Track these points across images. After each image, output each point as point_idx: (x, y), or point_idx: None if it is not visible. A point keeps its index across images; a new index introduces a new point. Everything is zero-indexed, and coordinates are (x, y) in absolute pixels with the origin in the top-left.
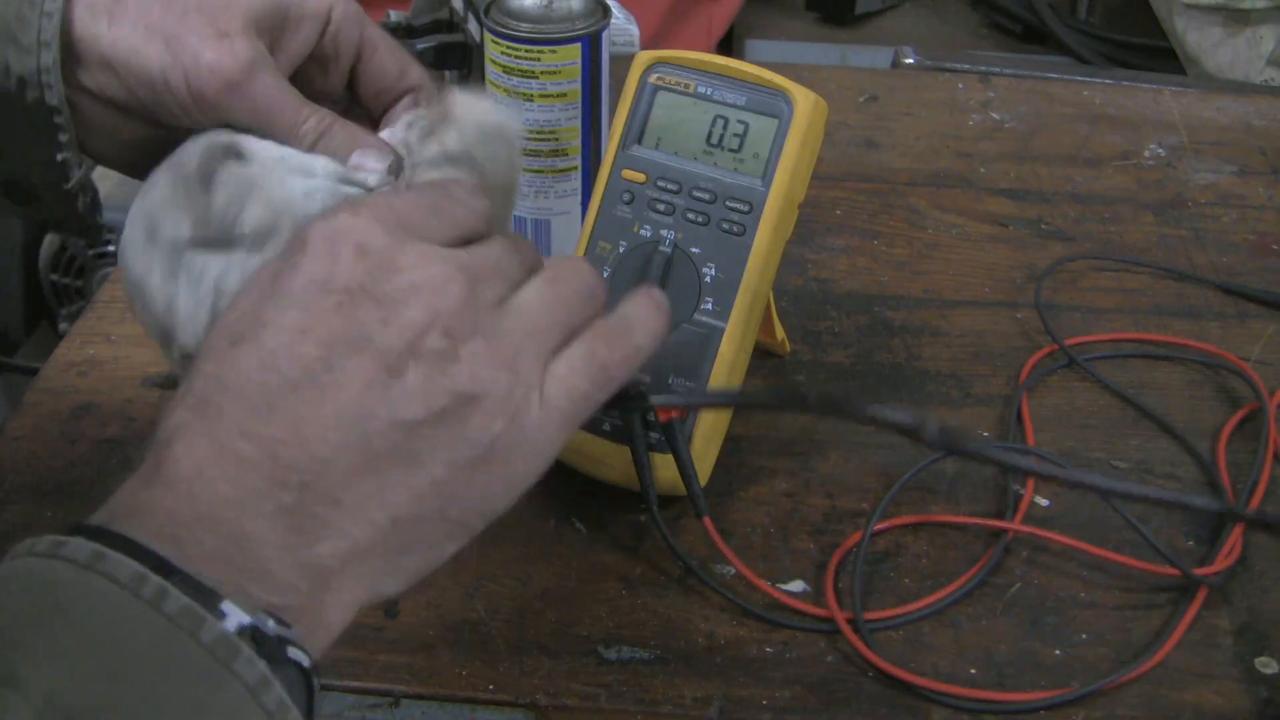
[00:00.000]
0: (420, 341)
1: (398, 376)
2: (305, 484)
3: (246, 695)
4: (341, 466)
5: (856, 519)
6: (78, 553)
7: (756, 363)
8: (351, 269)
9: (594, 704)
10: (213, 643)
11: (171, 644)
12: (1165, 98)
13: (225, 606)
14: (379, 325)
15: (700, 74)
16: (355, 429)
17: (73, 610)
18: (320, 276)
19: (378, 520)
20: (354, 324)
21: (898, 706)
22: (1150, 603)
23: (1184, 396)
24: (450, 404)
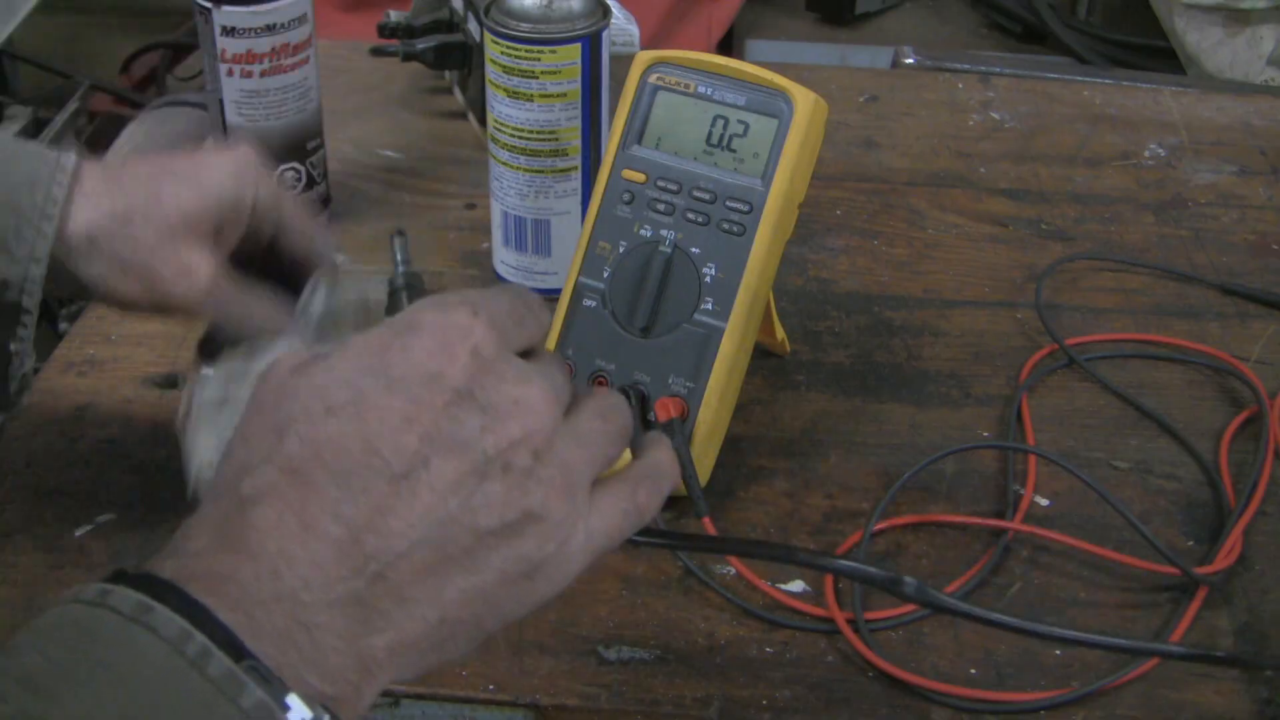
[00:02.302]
0: (512, 455)
1: (482, 484)
2: (378, 575)
3: None
4: (415, 563)
5: (856, 519)
6: (123, 604)
7: (756, 363)
8: (465, 370)
9: (594, 704)
10: (252, 708)
11: (210, 707)
12: (1165, 98)
13: (290, 700)
14: (479, 432)
15: (700, 74)
16: (436, 529)
17: (112, 664)
18: (434, 370)
19: (429, 618)
20: (458, 426)
21: (898, 706)
22: (1150, 603)
23: (1184, 397)
24: (519, 520)
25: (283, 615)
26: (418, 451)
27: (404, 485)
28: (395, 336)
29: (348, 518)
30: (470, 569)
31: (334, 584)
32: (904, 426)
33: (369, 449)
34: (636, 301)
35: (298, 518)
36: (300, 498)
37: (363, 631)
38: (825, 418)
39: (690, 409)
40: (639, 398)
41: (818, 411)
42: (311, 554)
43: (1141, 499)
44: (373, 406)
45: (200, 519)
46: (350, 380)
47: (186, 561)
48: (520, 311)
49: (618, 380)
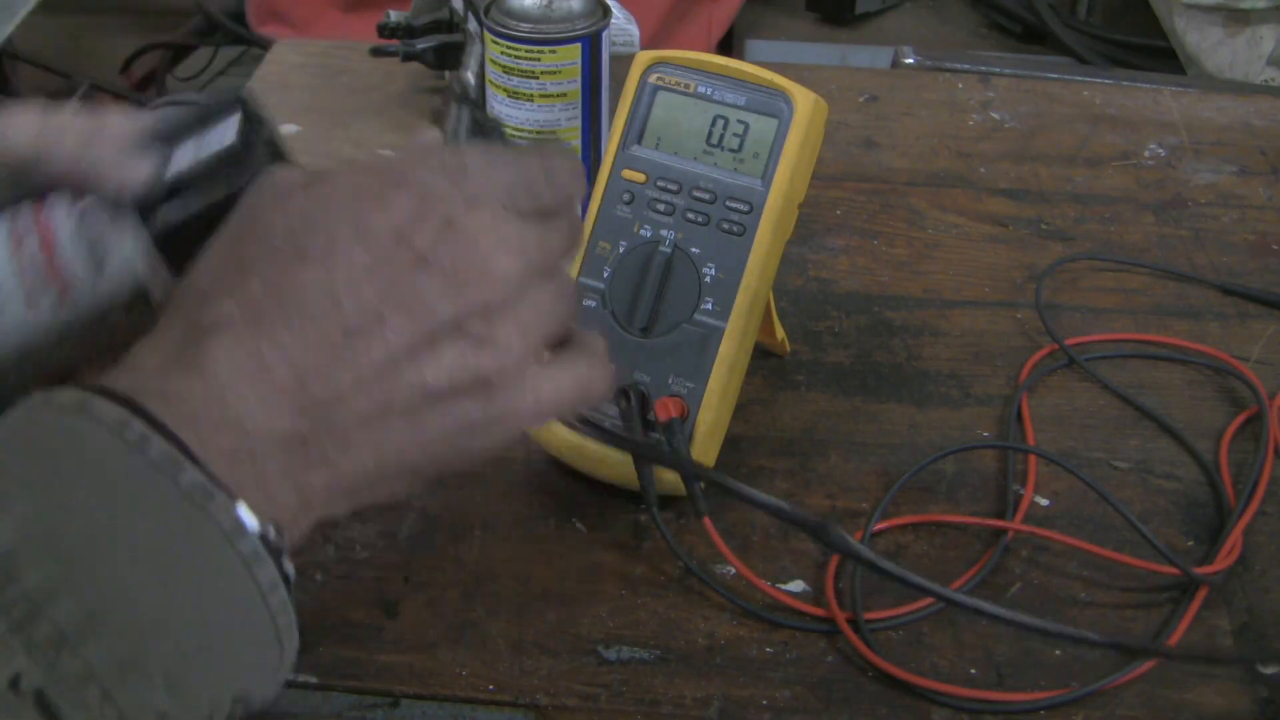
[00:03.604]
0: (467, 321)
1: (435, 346)
2: (321, 417)
3: (221, 538)
4: (358, 411)
5: (856, 519)
6: (64, 399)
7: (756, 363)
8: (434, 235)
9: (594, 704)
10: (190, 487)
11: (150, 483)
12: (1165, 98)
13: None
14: (438, 298)
15: (700, 74)
16: (383, 384)
17: (55, 447)
18: (403, 229)
19: (367, 464)
20: (418, 289)
21: (898, 706)
22: (1150, 602)
23: (1184, 397)
24: (468, 384)
25: (228, 439)
26: (375, 308)
27: (358, 339)
28: (379, 185)
29: (298, 363)
30: (413, 424)
31: (278, 420)
32: (904, 426)
33: (330, 299)
34: (636, 301)
35: (249, 354)
36: (254, 336)
37: (303, 468)
38: (825, 418)
39: (690, 409)
40: (639, 398)
41: (818, 411)
42: (259, 391)
43: (1141, 499)
44: (341, 257)
45: (156, 338)
46: (324, 225)
47: (140, 377)
48: (533, 180)
49: (618, 380)
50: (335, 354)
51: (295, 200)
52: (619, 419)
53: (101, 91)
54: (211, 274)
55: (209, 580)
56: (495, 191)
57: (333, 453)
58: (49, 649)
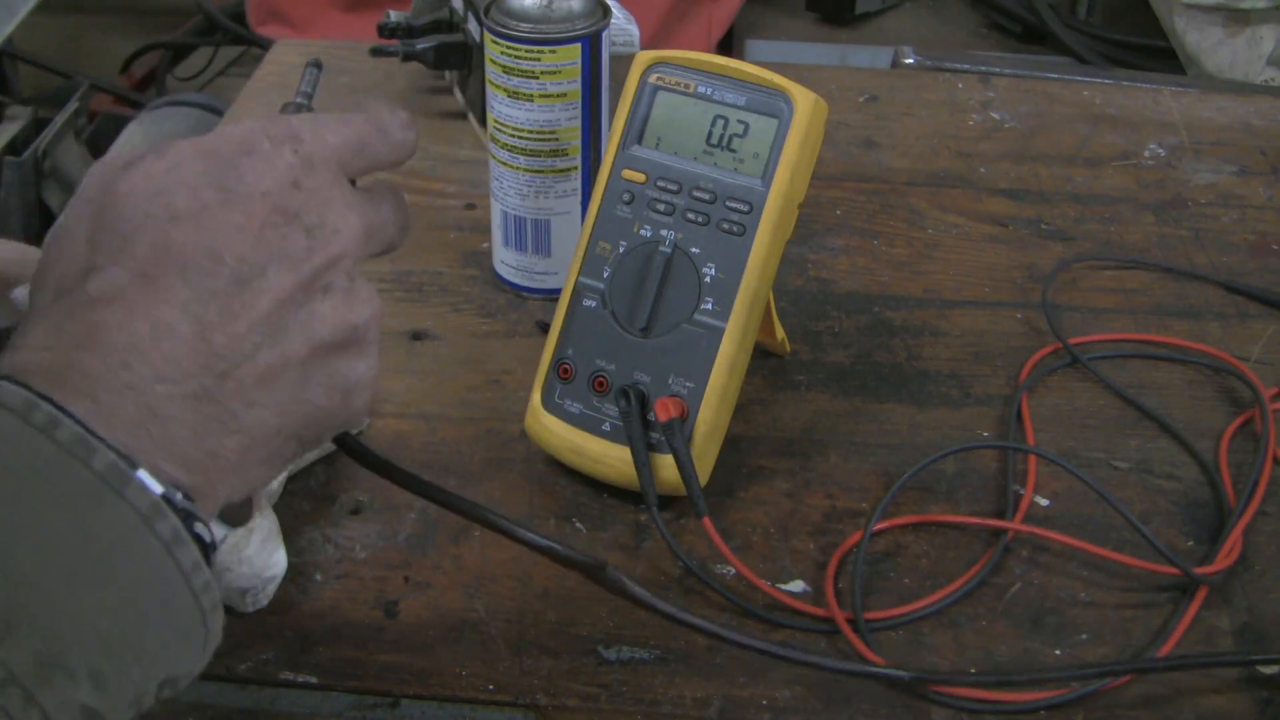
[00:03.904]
0: (332, 275)
1: (311, 299)
2: (225, 374)
3: (138, 522)
4: (258, 366)
5: (856, 519)
6: None
7: (756, 363)
8: (291, 196)
9: (594, 704)
10: (104, 469)
11: (61, 469)
12: (1165, 98)
13: (140, 474)
14: (305, 251)
15: (700, 74)
16: (278, 335)
17: None
18: (260, 187)
19: (270, 424)
20: (286, 243)
21: (898, 706)
22: (1150, 603)
23: (1184, 397)
24: (345, 337)
25: (134, 404)
26: (256, 260)
27: (247, 291)
28: (229, 151)
29: (197, 315)
30: (303, 381)
31: (185, 378)
32: (904, 426)
33: (213, 255)
34: (636, 301)
35: (147, 316)
36: (150, 297)
37: (214, 430)
38: (825, 418)
39: (690, 409)
40: (639, 398)
41: (818, 411)
42: (162, 350)
43: (1141, 499)
44: (213, 215)
45: (37, 319)
46: (192, 187)
47: (26, 356)
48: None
49: (618, 380)
50: (230, 305)
51: (146, 166)
52: (619, 419)
53: (101, 91)
54: (83, 245)
55: (128, 567)
56: (329, 153)
57: (240, 411)
58: None
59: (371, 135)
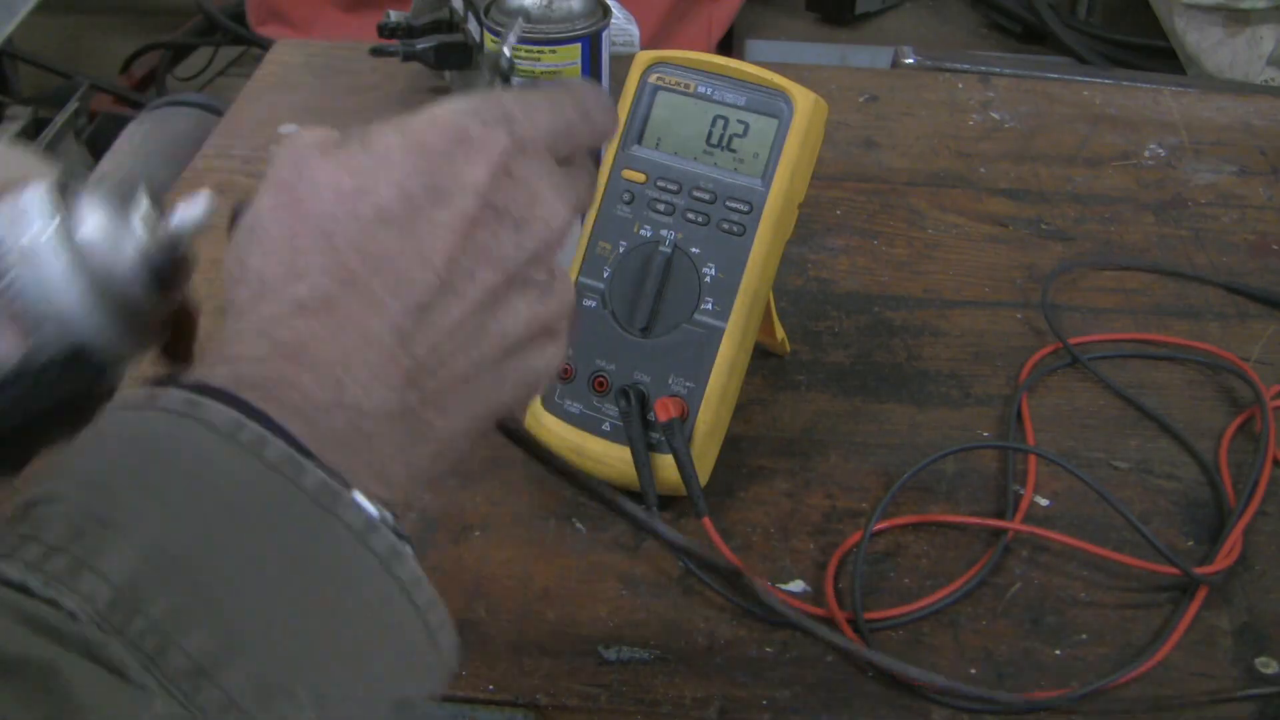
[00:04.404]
0: (532, 270)
1: (509, 297)
2: (425, 387)
3: (352, 540)
4: (455, 372)
5: (856, 519)
6: (172, 402)
7: (756, 363)
8: (502, 188)
9: (594, 704)
10: (314, 488)
11: (272, 489)
12: (1165, 98)
13: (355, 496)
14: (513, 248)
15: (700, 74)
16: (475, 340)
17: (170, 457)
18: (474, 182)
19: (459, 428)
20: (495, 240)
21: (898, 706)
22: (1150, 603)
23: (1184, 396)
24: (537, 333)
25: (344, 423)
26: (464, 264)
27: (452, 298)
28: (439, 141)
29: (402, 328)
30: (497, 378)
31: (390, 394)
32: (904, 426)
33: (423, 261)
34: (636, 301)
35: (355, 327)
36: (360, 308)
37: (414, 443)
38: (825, 418)
39: (690, 409)
40: (639, 398)
41: (818, 411)
42: (370, 364)
43: (1141, 499)
44: (423, 217)
45: (247, 322)
46: (400, 184)
47: (240, 369)
48: (569, 121)
49: (618, 380)
50: (430, 314)
51: (350, 157)
52: (619, 419)
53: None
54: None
55: (347, 586)
56: (541, 136)
57: (435, 420)
58: (184, 682)
59: (578, 118)
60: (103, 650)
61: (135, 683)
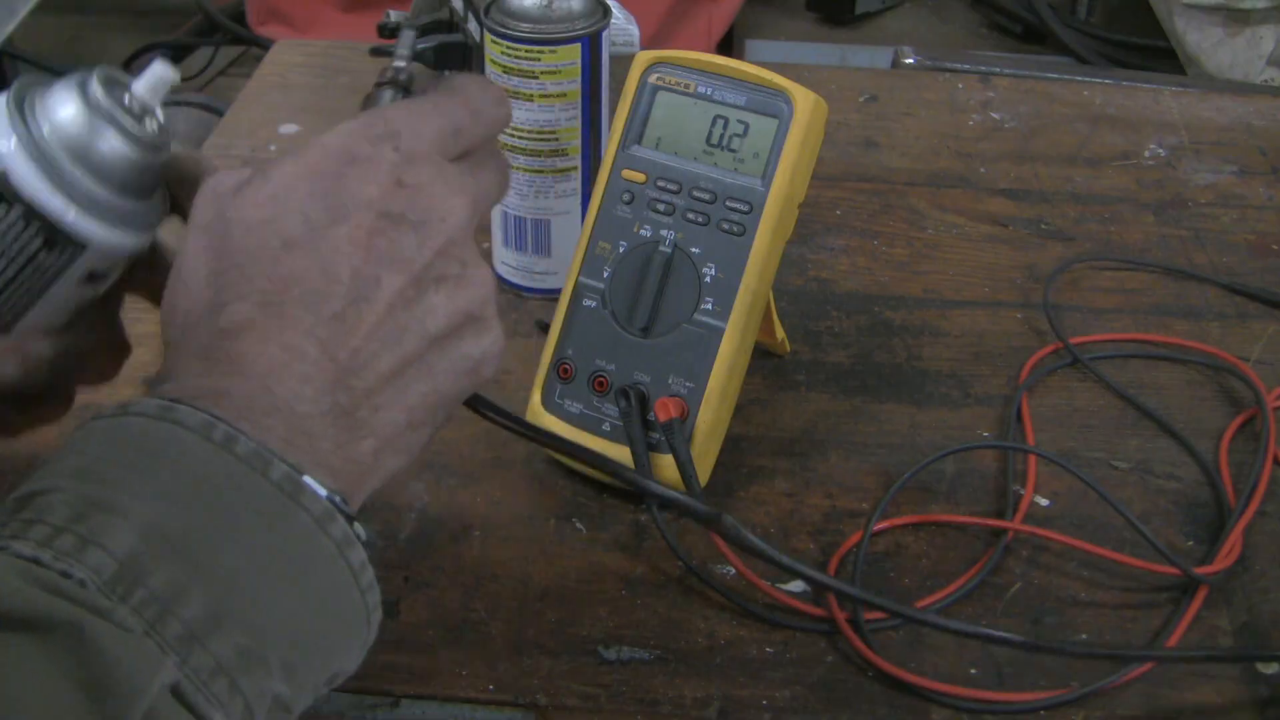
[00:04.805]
0: (443, 265)
1: (424, 294)
2: (352, 386)
3: (314, 526)
4: (380, 372)
5: (856, 519)
6: (147, 408)
7: (756, 363)
8: (393, 197)
9: (594, 704)
10: (280, 479)
11: (245, 480)
12: (1165, 98)
13: (309, 481)
14: (414, 248)
15: (700, 74)
16: (394, 338)
17: (154, 451)
18: (365, 197)
19: (398, 421)
20: (394, 246)
21: (898, 706)
22: (1150, 603)
23: (1184, 397)
24: (460, 322)
25: (282, 425)
26: (368, 272)
27: (363, 304)
28: (331, 165)
29: (321, 337)
30: (425, 372)
31: (319, 397)
32: (904, 426)
33: (329, 275)
34: (636, 301)
35: (278, 343)
36: (277, 326)
37: (350, 439)
38: (825, 418)
39: (690, 409)
40: (639, 398)
41: (818, 411)
42: (295, 372)
43: (1141, 499)
44: (324, 237)
45: (179, 350)
46: (298, 211)
47: (187, 382)
48: (456, 121)
49: (618, 380)
50: (348, 322)
51: (255, 193)
52: (619, 419)
53: None
54: (206, 281)
55: (309, 567)
56: (427, 143)
57: (369, 417)
58: (180, 646)
59: (466, 118)
60: (111, 615)
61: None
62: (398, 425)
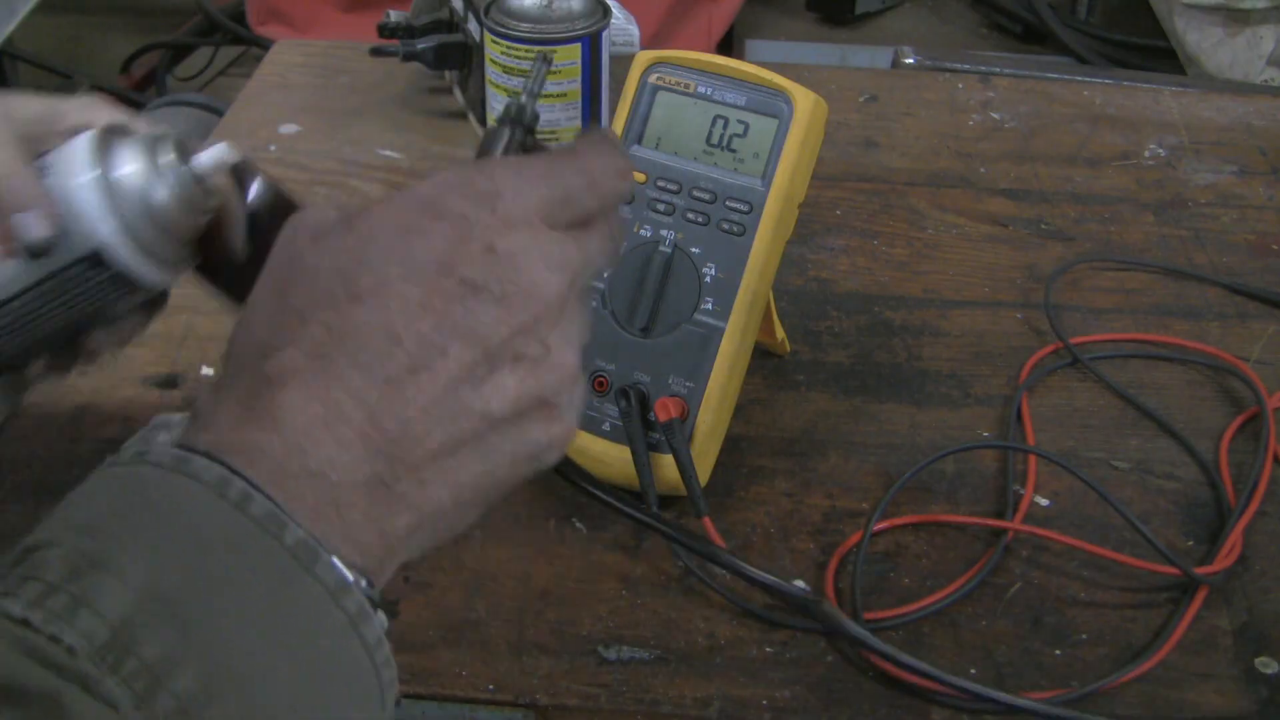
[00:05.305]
0: (523, 343)
1: (496, 372)
2: (396, 457)
3: (326, 597)
4: (430, 446)
5: (856, 519)
6: (162, 458)
7: (756, 363)
8: (479, 262)
9: (594, 704)
10: (294, 545)
11: (255, 543)
12: (1165, 98)
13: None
14: (493, 323)
15: (700, 74)
16: (451, 415)
17: (161, 507)
18: (448, 259)
19: (444, 500)
20: (471, 316)
21: (898, 706)
22: (1150, 603)
23: (1184, 396)
24: (529, 406)
25: (313, 492)
26: (435, 340)
27: (423, 374)
28: (418, 218)
29: (369, 402)
30: (482, 454)
31: (357, 465)
32: (904, 426)
33: (390, 336)
34: (636, 301)
35: (321, 401)
36: (324, 382)
37: (386, 513)
38: (825, 418)
39: (690, 409)
40: (639, 398)
41: (818, 411)
42: (335, 435)
43: (1141, 499)
44: (394, 294)
45: (224, 391)
46: (372, 264)
47: (219, 434)
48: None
49: (618, 380)
50: (402, 390)
51: (335, 241)
52: (619, 419)
53: (101, 91)
54: (265, 324)
55: (317, 640)
56: (530, 209)
57: (411, 492)
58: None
59: (580, 187)
60: (99, 686)
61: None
62: (441, 504)
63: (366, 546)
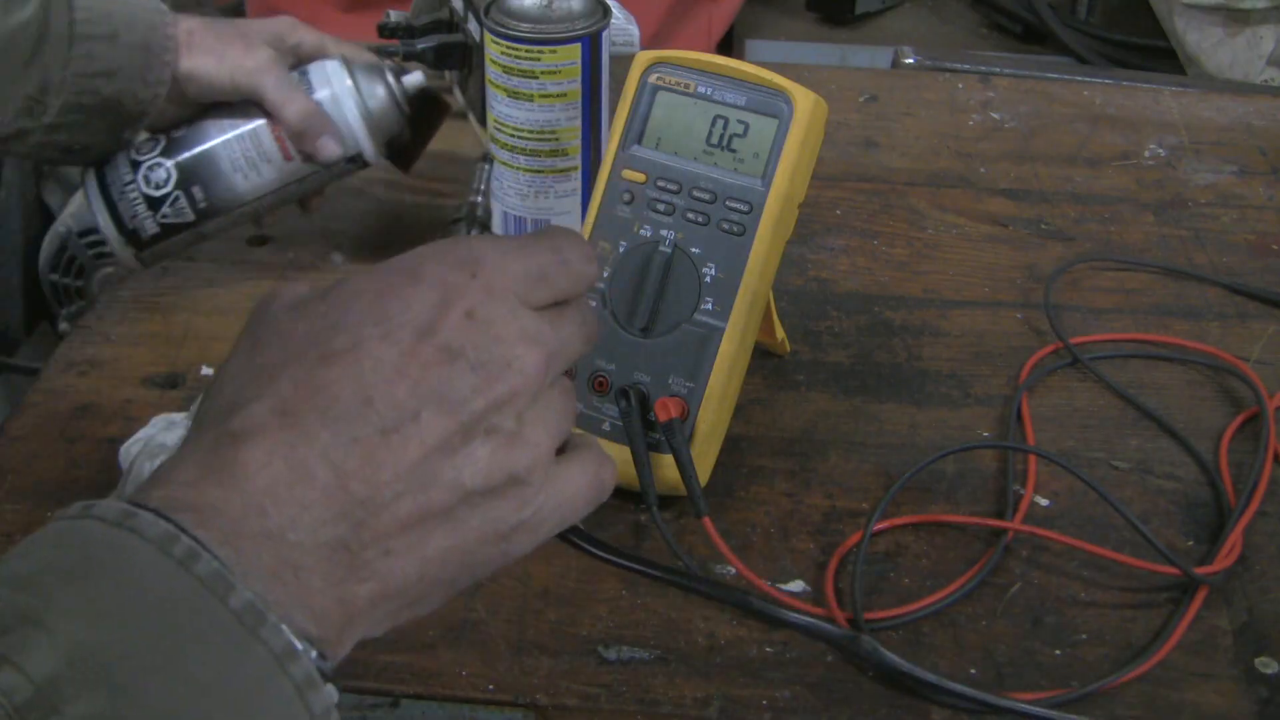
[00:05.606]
0: (497, 417)
1: (469, 443)
2: (362, 522)
3: (272, 662)
4: (398, 515)
5: (856, 519)
6: (107, 512)
7: (756, 363)
8: (458, 330)
9: (594, 704)
10: (240, 608)
11: (198, 603)
12: (1165, 98)
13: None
14: (469, 391)
15: (700, 74)
16: (422, 484)
17: (101, 563)
18: (426, 324)
19: (410, 573)
20: (447, 384)
21: (898, 706)
22: (1150, 603)
23: (1184, 397)
24: (503, 483)
25: (270, 554)
26: (409, 404)
27: (394, 437)
28: (397, 283)
29: (336, 463)
30: (452, 527)
31: (320, 527)
32: (904, 426)
33: (362, 398)
34: (636, 301)
35: (286, 459)
36: (290, 439)
37: (347, 578)
38: (825, 418)
39: (690, 409)
40: (639, 398)
41: (818, 411)
42: (298, 496)
43: (1141, 499)
44: (368, 355)
45: (186, 451)
46: (348, 325)
47: (174, 490)
48: (542, 266)
49: (618, 380)
50: (373, 453)
51: (312, 307)
52: (619, 419)
53: None
54: (234, 383)
55: (259, 708)
56: (509, 281)
57: (375, 560)
58: None
59: (553, 265)
60: None
61: None
62: (407, 576)
63: (323, 613)
